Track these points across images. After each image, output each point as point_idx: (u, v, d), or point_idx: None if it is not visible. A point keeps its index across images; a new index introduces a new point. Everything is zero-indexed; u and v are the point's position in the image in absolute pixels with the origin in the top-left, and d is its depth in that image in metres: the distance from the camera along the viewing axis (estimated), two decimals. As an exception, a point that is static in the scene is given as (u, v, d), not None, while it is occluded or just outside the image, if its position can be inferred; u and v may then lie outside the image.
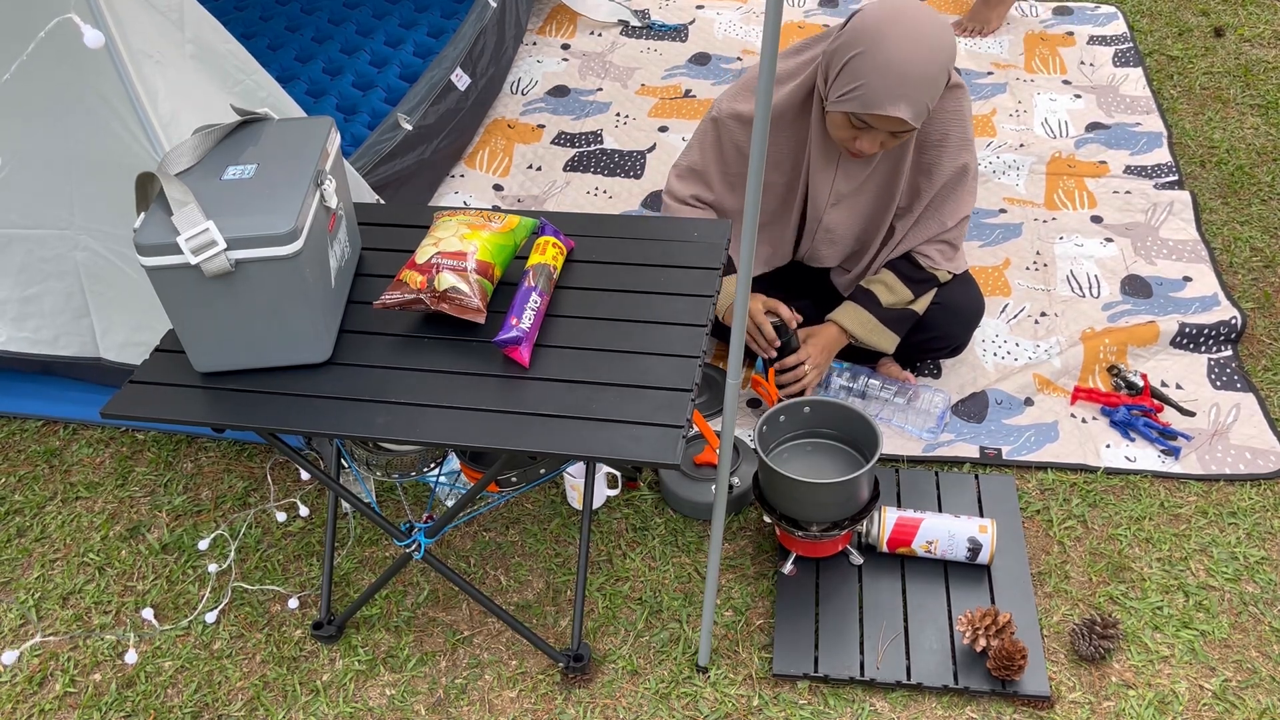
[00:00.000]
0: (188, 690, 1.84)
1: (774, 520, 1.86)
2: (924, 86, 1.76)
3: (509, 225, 1.62)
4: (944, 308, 2.14)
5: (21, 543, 2.11)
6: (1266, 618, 1.84)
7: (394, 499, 2.12)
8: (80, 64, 1.71)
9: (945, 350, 2.25)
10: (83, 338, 2.16)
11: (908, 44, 1.74)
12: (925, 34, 1.75)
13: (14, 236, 2.03)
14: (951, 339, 2.21)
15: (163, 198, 1.41)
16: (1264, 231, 2.61)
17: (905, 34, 1.74)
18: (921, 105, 1.77)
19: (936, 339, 2.20)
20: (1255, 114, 2.99)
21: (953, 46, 1.81)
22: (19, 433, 2.34)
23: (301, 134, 1.56)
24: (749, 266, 1.29)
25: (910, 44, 1.74)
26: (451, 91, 2.80)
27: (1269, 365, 2.28)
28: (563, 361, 1.50)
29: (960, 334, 2.20)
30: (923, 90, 1.76)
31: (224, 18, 2.09)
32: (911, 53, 1.74)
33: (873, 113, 1.78)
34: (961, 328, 2.19)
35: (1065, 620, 1.84)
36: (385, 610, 1.94)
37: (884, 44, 1.74)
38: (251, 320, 1.45)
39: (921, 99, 1.76)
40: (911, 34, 1.74)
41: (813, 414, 1.94)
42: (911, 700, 1.75)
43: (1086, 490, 2.05)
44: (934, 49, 1.76)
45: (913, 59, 1.74)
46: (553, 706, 1.78)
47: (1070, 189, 2.77)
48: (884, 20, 1.76)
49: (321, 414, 1.44)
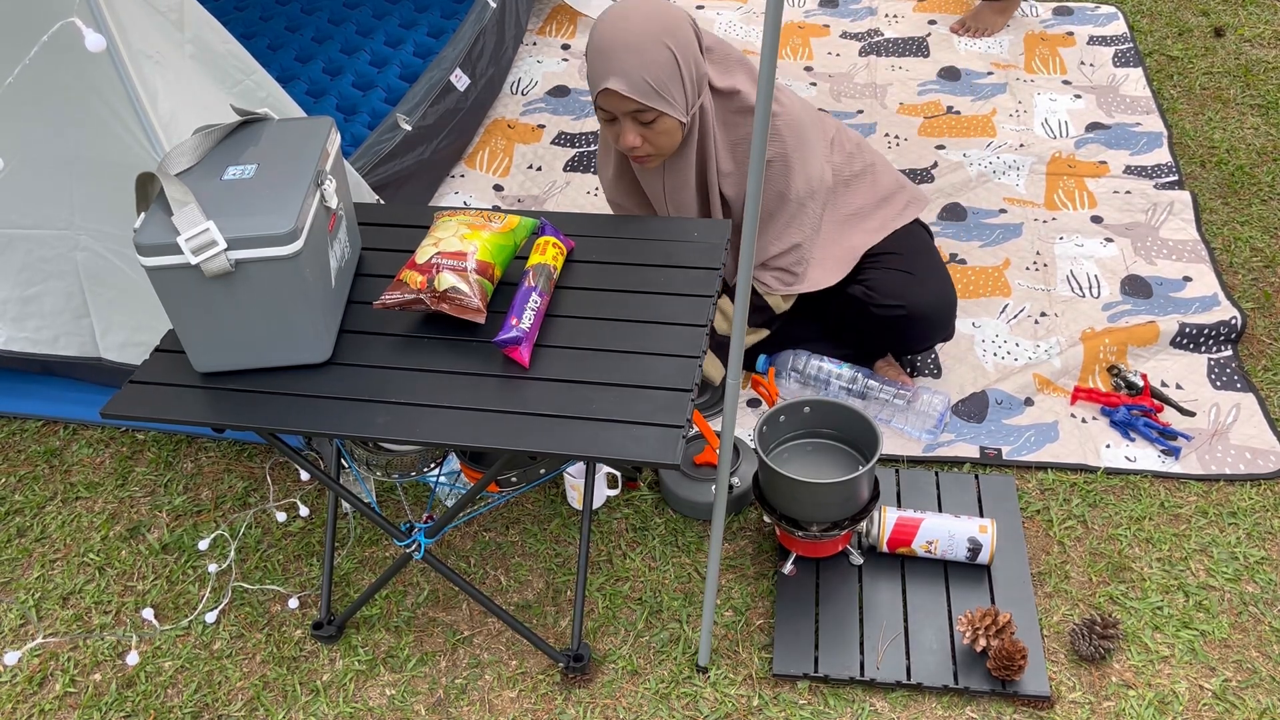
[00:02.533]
0: (188, 690, 1.84)
1: (774, 520, 1.86)
2: (631, 56, 1.78)
3: (509, 225, 1.62)
4: (911, 318, 2.11)
5: (21, 543, 2.11)
6: (1266, 618, 1.84)
7: (394, 499, 2.12)
8: (81, 65, 1.72)
9: (930, 345, 2.25)
10: (83, 338, 2.16)
11: (616, 21, 1.80)
12: (636, 9, 1.82)
13: (14, 236, 2.03)
14: (932, 338, 2.21)
15: (163, 198, 1.41)
16: (1264, 231, 2.61)
17: (616, 15, 1.82)
18: (635, 76, 1.79)
19: (916, 340, 2.20)
20: (1255, 114, 2.99)
21: (679, 27, 1.83)
22: (19, 433, 2.34)
23: (301, 134, 1.56)
24: (749, 266, 1.29)
25: (619, 21, 1.80)
26: (451, 92, 2.80)
27: (1269, 365, 2.28)
28: (563, 361, 1.50)
29: (939, 332, 2.19)
30: (630, 59, 1.78)
31: (224, 18, 2.09)
32: (618, 27, 1.80)
33: (596, 93, 1.83)
34: (939, 327, 2.17)
35: (1065, 620, 1.84)
36: (385, 610, 1.94)
37: (598, 28, 1.82)
38: (251, 320, 1.45)
39: (632, 69, 1.79)
40: (622, 13, 1.81)
41: (813, 414, 1.94)
42: (911, 700, 1.75)
43: (1086, 490, 2.05)
44: (644, 21, 1.80)
45: (618, 31, 1.79)
46: (553, 706, 1.78)
47: (1070, 189, 2.77)
48: (607, 11, 1.85)
49: (321, 414, 1.45)
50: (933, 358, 2.33)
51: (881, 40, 3.41)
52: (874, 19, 3.53)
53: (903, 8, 3.58)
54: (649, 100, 1.80)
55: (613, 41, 1.79)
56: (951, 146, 2.93)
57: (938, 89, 3.17)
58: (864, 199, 2.15)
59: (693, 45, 1.85)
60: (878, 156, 2.20)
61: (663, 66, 1.80)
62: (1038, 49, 3.33)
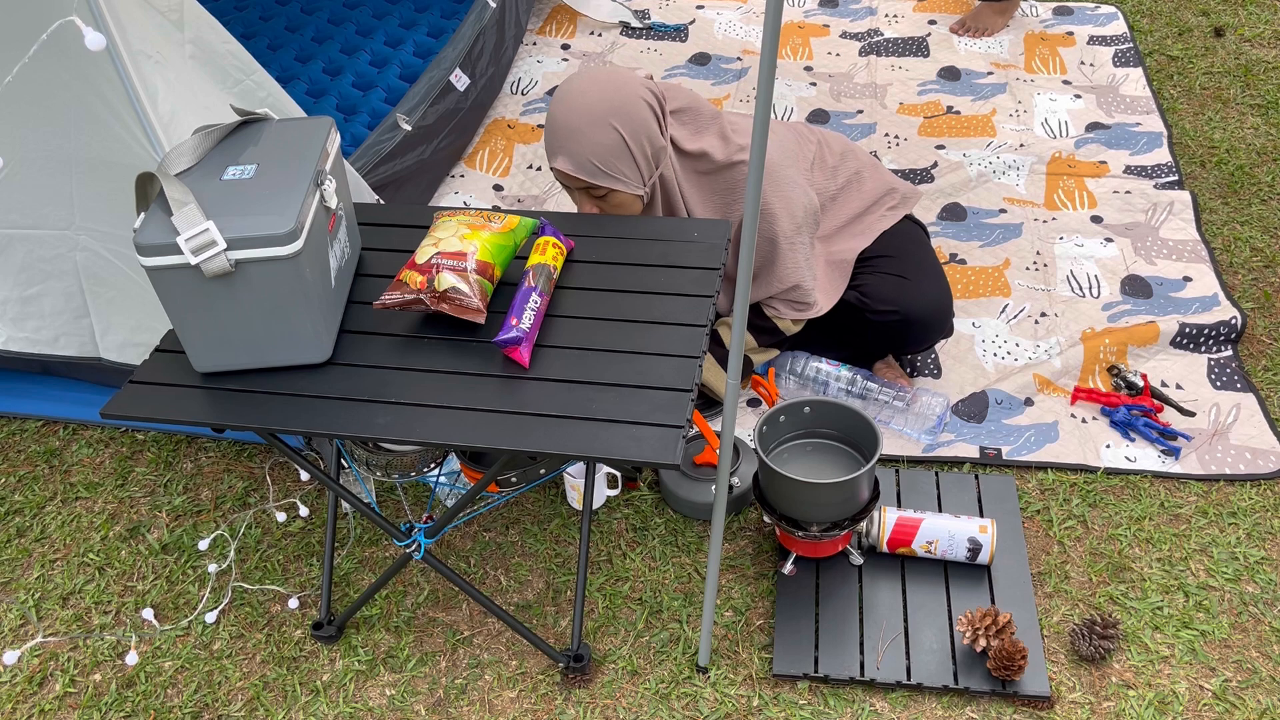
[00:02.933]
0: (188, 690, 1.84)
1: (774, 520, 1.86)
2: (577, 138, 1.84)
3: (509, 225, 1.62)
4: (907, 322, 2.11)
5: (21, 543, 2.11)
6: (1266, 618, 1.84)
7: (394, 499, 2.12)
8: (80, 64, 1.71)
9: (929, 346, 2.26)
10: (83, 338, 2.16)
11: (570, 98, 1.85)
12: (585, 92, 1.85)
13: (14, 237, 2.03)
14: (930, 339, 2.21)
15: (163, 198, 1.41)
16: (1264, 231, 2.61)
17: (573, 91, 1.86)
18: (581, 158, 1.85)
19: (914, 342, 2.21)
20: (1255, 114, 2.99)
21: (629, 106, 1.85)
22: (19, 433, 2.34)
23: (301, 134, 1.56)
24: (749, 265, 1.29)
25: (574, 98, 1.85)
26: (451, 92, 2.80)
27: (1269, 365, 2.28)
28: (563, 361, 1.50)
29: (936, 333, 2.19)
30: (576, 141, 1.84)
31: (224, 18, 2.09)
32: (569, 105, 1.85)
33: (551, 168, 1.90)
34: (936, 328, 2.17)
35: (1065, 620, 1.84)
36: (385, 610, 1.94)
37: (553, 103, 1.88)
38: (251, 320, 1.45)
39: (577, 151, 1.84)
40: (579, 89, 1.86)
41: (813, 414, 1.94)
42: (911, 700, 1.75)
43: (1086, 490, 2.05)
44: (596, 102, 1.83)
45: (568, 111, 1.84)
46: (553, 707, 1.78)
47: (1070, 189, 2.77)
48: (563, 85, 1.90)
49: (321, 414, 1.44)
50: (933, 358, 2.33)
51: (881, 40, 3.41)
52: (874, 19, 3.53)
53: (903, 8, 3.58)
54: (596, 180, 1.87)
55: (563, 122, 1.85)
56: (951, 146, 2.93)
57: (938, 89, 3.17)
58: (851, 209, 2.17)
59: (645, 123, 1.88)
60: (864, 162, 2.20)
61: (609, 149, 1.85)
62: (1038, 49, 3.33)
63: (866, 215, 2.17)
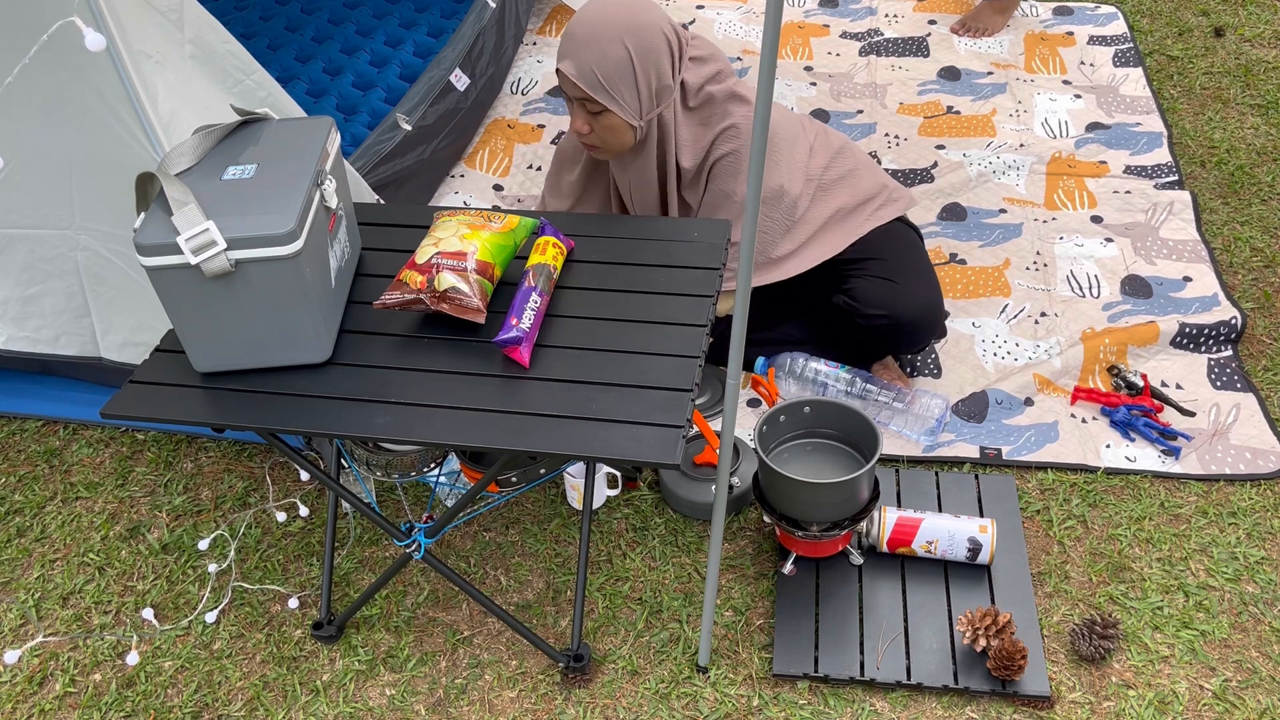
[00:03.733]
0: (188, 690, 1.84)
1: (774, 520, 1.86)
2: (588, 46, 1.85)
3: (509, 225, 1.62)
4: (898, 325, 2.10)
5: (21, 543, 2.11)
6: (1266, 618, 1.84)
7: (394, 499, 2.12)
8: (80, 64, 1.72)
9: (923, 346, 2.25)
10: (83, 338, 2.16)
11: (591, 8, 1.87)
12: (609, 5, 1.87)
13: (14, 236, 2.03)
14: (922, 340, 2.20)
15: (163, 198, 1.41)
16: (1264, 231, 2.61)
17: (591, 6, 1.88)
18: (586, 66, 1.85)
19: (906, 344, 2.20)
20: (1255, 114, 2.99)
21: (645, 31, 1.87)
22: (19, 433, 2.34)
23: (301, 134, 1.56)
24: (749, 266, 1.29)
25: (592, 9, 1.87)
26: (451, 92, 2.80)
27: (1269, 365, 2.28)
28: (563, 361, 1.50)
29: (928, 334, 2.19)
30: (586, 49, 1.85)
31: (224, 18, 2.09)
32: (591, 15, 1.86)
33: (556, 70, 1.91)
34: (927, 330, 2.17)
35: (1065, 620, 1.84)
36: (385, 610, 1.94)
37: (580, 9, 1.90)
38: (251, 320, 1.45)
39: (585, 59, 1.85)
40: (600, 3, 1.88)
41: (813, 414, 1.94)
42: (911, 700, 1.75)
43: (1086, 490, 2.05)
44: (615, 16, 1.85)
45: (588, 19, 1.86)
46: (553, 706, 1.78)
47: (1070, 189, 2.77)
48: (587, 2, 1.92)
49: (321, 414, 1.45)
50: (933, 358, 2.33)
51: (881, 40, 3.41)
52: (874, 19, 3.53)
53: (903, 8, 3.58)
54: (594, 92, 1.86)
55: (579, 27, 1.86)
56: (951, 146, 2.93)
57: (938, 89, 3.17)
58: (840, 202, 2.15)
59: (657, 53, 1.88)
60: (861, 162, 2.20)
61: (614, 64, 1.85)
62: (1038, 49, 3.33)
63: (853, 215, 2.16)
